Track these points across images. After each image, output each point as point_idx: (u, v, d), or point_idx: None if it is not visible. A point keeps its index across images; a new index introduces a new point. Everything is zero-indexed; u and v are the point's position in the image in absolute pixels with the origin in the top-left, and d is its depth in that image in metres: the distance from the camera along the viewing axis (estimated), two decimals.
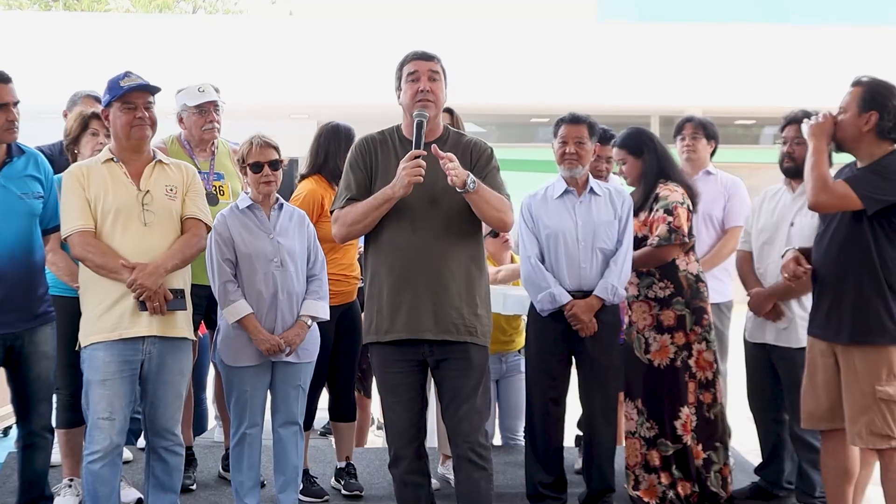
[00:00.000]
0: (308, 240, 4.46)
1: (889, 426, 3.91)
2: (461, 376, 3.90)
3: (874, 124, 3.93)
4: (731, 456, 5.49)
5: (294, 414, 4.43)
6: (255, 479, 4.39)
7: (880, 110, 3.92)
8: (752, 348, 4.87)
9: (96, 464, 3.89)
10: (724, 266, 5.39)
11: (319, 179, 4.84)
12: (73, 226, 3.94)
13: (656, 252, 4.71)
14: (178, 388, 4.07)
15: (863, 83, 4.00)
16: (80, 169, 4.04)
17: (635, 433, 4.82)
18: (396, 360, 3.94)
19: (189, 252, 4.03)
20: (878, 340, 3.91)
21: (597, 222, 4.64)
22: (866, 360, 3.93)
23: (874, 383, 3.89)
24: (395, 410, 3.98)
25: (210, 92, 4.88)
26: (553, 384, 4.69)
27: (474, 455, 3.89)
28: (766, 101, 15.79)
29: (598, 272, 4.63)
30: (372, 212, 3.84)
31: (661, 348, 4.74)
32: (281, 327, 4.31)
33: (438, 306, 3.83)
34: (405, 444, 3.97)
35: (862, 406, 3.93)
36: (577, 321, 4.57)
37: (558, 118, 4.76)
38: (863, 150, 4.01)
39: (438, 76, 3.91)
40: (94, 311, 3.95)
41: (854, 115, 3.96)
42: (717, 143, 5.71)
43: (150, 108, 4.03)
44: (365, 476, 5.09)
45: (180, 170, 4.16)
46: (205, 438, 6.17)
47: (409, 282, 3.84)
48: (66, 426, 4.53)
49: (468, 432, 3.89)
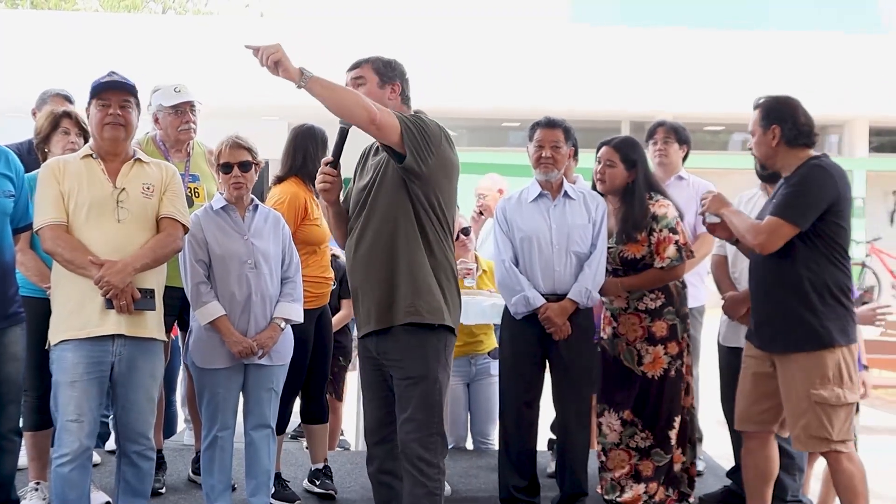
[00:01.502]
0: (283, 242, 4.42)
1: (826, 429, 4.01)
2: (401, 389, 3.76)
3: (780, 136, 4.16)
4: (703, 460, 5.53)
5: (266, 417, 4.40)
6: (226, 482, 4.35)
7: (780, 122, 4.17)
8: (727, 353, 4.89)
9: (65, 467, 3.81)
10: (696, 271, 5.39)
11: (298, 182, 4.78)
12: (44, 219, 3.87)
13: (668, 274, 4.69)
14: (150, 391, 4.00)
15: (760, 104, 4.28)
16: (58, 163, 3.98)
17: (620, 444, 4.79)
18: (363, 357, 3.97)
19: (162, 252, 3.96)
20: (810, 347, 4.04)
21: (571, 225, 4.64)
22: (801, 367, 4.05)
23: (809, 388, 4.01)
24: (366, 409, 3.97)
25: (186, 92, 4.83)
26: (527, 387, 4.68)
27: (411, 467, 3.71)
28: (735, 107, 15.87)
29: (572, 275, 4.63)
30: (328, 218, 4.00)
31: (654, 360, 4.71)
32: (254, 329, 4.28)
33: (375, 299, 3.77)
34: (375, 442, 3.93)
35: (799, 410, 4.05)
36: (550, 324, 4.57)
37: (534, 122, 4.75)
38: (780, 163, 4.24)
39: (363, 80, 3.84)
40: (65, 308, 3.89)
41: (760, 135, 4.23)
42: (689, 147, 5.72)
43: (125, 108, 3.95)
44: (337, 479, 5.06)
45: (160, 169, 4.10)
46: (174, 441, 6.12)
47: (354, 280, 3.87)
48: (34, 429, 4.47)
49: (405, 442, 3.73)
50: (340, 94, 3.59)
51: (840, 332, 4.05)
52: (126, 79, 4.03)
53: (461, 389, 5.75)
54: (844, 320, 4.09)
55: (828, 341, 4.02)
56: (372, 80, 3.84)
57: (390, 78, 3.87)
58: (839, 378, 4.02)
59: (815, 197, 4.04)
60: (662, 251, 4.67)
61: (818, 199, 4.04)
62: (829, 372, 4.01)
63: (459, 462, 5.57)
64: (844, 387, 4.03)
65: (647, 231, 4.70)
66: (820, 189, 4.04)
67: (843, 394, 4.02)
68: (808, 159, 4.15)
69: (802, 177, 4.07)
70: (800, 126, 4.17)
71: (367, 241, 3.79)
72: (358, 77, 3.85)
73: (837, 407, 4.02)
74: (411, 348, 3.74)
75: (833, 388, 4.01)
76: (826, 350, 4.02)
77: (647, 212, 4.72)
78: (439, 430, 3.76)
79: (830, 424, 4.01)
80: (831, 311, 4.05)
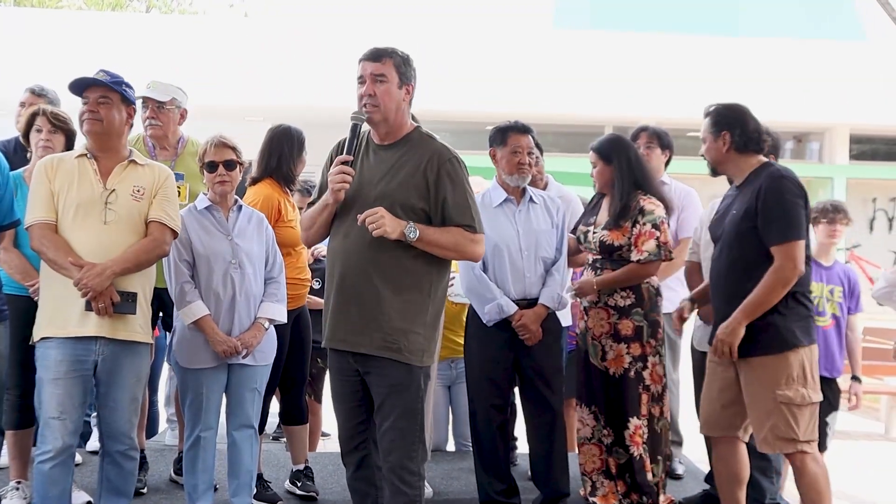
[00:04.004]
0: (266, 242, 4.43)
1: (792, 429, 4.05)
2: (380, 392, 3.70)
3: (730, 143, 4.25)
4: (683, 464, 5.56)
5: (249, 417, 4.40)
6: (208, 482, 4.35)
7: (729, 129, 4.26)
8: (700, 357, 4.92)
9: (47, 464, 3.81)
10: (677, 276, 5.42)
11: (273, 183, 4.76)
12: (34, 217, 3.88)
13: (643, 268, 4.72)
14: (134, 391, 3.99)
15: (710, 112, 4.35)
16: (52, 161, 3.98)
17: (592, 438, 4.85)
18: (336, 367, 3.85)
19: (145, 257, 3.93)
20: (776, 350, 4.07)
21: (537, 231, 4.67)
22: (766, 369, 4.08)
23: (775, 388, 4.05)
24: (339, 418, 3.91)
25: (156, 89, 4.82)
26: (497, 392, 4.70)
27: (395, 477, 3.68)
28: None
29: (540, 280, 4.68)
30: (316, 217, 3.79)
31: (616, 357, 4.75)
32: (238, 329, 4.28)
33: (362, 317, 3.66)
34: (349, 451, 3.89)
35: (766, 412, 4.08)
36: (525, 331, 4.60)
37: (501, 126, 4.77)
38: (731, 168, 4.33)
39: (385, 78, 3.67)
40: (50, 305, 3.90)
41: (711, 141, 4.32)
42: (672, 153, 5.75)
43: (103, 104, 3.94)
44: (318, 480, 5.06)
45: (153, 172, 4.08)
46: (156, 442, 6.12)
47: (343, 290, 3.71)
48: (15, 427, 4.45)
49: (388, 451, 3.69)
50: (448, 239, 3.67)
51: (803, 332, 4.10)
52: (112, 76, 4.02)
53: (442, 392, 5.77)
54: (807, 321, 4.14)
55: (792, 343, 4.06)
56: (393, 79, 3.69)
57: (408, 78, 3.74)
58: (803, 378, 4.07)
59: (799, 207, 4.07)
60: (641, 244, 4.69)
61: (801, 208, 4.07)
62: (794, 372, 4.05)
63: (441, 464, 5.59)
64: (808, 386, 4.08)
65: (632, 222, 4.73)
66: (796, 198, 4.07)
67: (808, 393, 4.07)
68: (759, 166, 4.22)
69: (777, 192, 4.07)
70: (749, 133, 4.24)
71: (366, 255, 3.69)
72: (380, 74, 3.67)
73: (803, 406, 4.06)
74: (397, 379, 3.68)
75: (798, 388, 4.05)
76: (790, 351, 4.06)
77: (634, 203, 4.75)
78: (421, 437, 3.71)
79: (797, 424, 4.05)
80: (794, 312, 4.10)
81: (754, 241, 4.09)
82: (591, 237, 4.81)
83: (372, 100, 3.67)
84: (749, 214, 4.10)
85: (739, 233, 4.14)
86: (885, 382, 9.03)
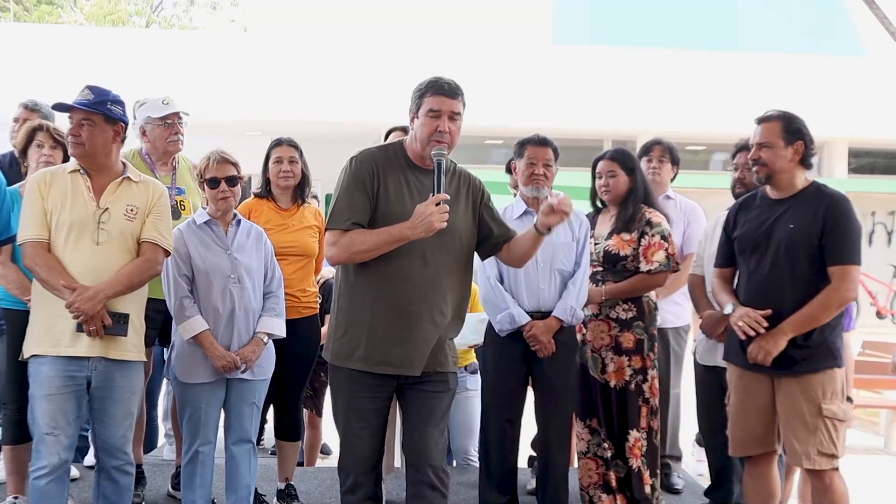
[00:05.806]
0: (265, 256, 4.43)
1: (834, 445, 4.02)
2: (435, 400, 3.79)
3: (801, 153, 4.13)
4: (682, 478, 5.55)
5: (248, 432, 4.39)
6: (206, 497, 4.33)
7: (803, 139, 4.13)
8: (703, 371, 4.91)
9: (42, 479, 3.79)
10: (682, 291, 5.42)
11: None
12: (26, 235, 3.85)
13: (652, 278, 4.75)
14: (129, 405, 3.96)
15: (780, 117, 4.19)
16: (45, 176, 3.94)
17: (588, 453, 4.84)
18: (369, 385, 3.74)
19: (138, 279, 3.90)
20: (825, 367, 4.04)
21: (555, 244, 4.64)
22: (812, 385, 4.03)
23: (820, 403, 4.00)
24: (361, 436, 3.76)
25: (174, 104, 4.84)
26: (510, 405, 4.69)
27: (437, 480, 3.74)
28: (716, 127, 16.03)
29: (557, 293, 4.66)
30: (384, 246, 3.62)
31: (617, 369, 4.76)
32: (237, 344, 4.28)
33: (424, 341, 3.71)
34: (367, 470, 3.79)
35: (810, 427, 4.01)
36: (536, 342, 4.58)
37: (523, 139, 4.77)
38: (786, 179, 4.17)
39: (459, 117, 3.73)
40: (41, 322, 3.87)
41: (781, 148, 4.13)
42: (678, 168, 5.78)
43: (85, 126, 3.89)
44: (316, 495, 5.04)
45: (147, 189, 4.03)
46: (154, 456, 6.09)
47: (403, 314, 3.67)
48: (12, 442, 4.45)
49: (436, 457, 3.74)
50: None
51: (842, 350, 4.13)
52: (98, 93, 3.95)
53: None
54: (841, 338, 4.15)
55: (840, 358, 4.07)
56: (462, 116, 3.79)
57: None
58: (841, 394, 4.07)
59: (860, 234, 4.08)
60: (651, 255, 4.72)
61: (859, 233, 4.07)
62: (839, 387, 4.05)
63: None
64: (845, 403, 4.08)
65: (639, 234, 4.76)
66: (859, 225, 4.07)
67: (847, 409, 4.08)
68: (810, 183, 4.17)
69: (847, 214, 4.03)
70: (811, 148, 4.18)
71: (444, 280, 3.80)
72: (458, 113, 3.74)
73: (843, 422, 4.06)
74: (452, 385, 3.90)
75: (839, 403, 4.04)
76: (838, 367, 4.06)
77: (639, 216, 4.78)
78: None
79: (837, 440, 4.03)
80: (839, 331, 4.11)
81: (808, 257, 4.03)
82: (593, 248, 4.82)
83: (448, 137, 3.69)
84: (810, 230, 4.02)
85: (795, 245, 4.05)
86: (885, 396, 9.00)
